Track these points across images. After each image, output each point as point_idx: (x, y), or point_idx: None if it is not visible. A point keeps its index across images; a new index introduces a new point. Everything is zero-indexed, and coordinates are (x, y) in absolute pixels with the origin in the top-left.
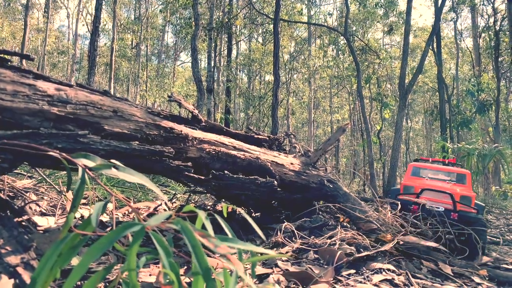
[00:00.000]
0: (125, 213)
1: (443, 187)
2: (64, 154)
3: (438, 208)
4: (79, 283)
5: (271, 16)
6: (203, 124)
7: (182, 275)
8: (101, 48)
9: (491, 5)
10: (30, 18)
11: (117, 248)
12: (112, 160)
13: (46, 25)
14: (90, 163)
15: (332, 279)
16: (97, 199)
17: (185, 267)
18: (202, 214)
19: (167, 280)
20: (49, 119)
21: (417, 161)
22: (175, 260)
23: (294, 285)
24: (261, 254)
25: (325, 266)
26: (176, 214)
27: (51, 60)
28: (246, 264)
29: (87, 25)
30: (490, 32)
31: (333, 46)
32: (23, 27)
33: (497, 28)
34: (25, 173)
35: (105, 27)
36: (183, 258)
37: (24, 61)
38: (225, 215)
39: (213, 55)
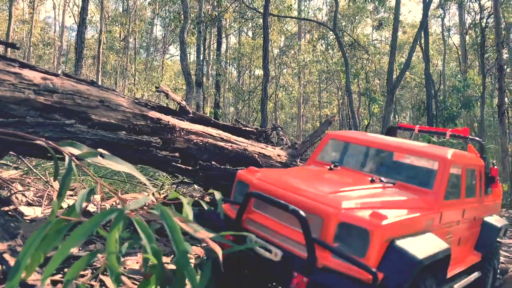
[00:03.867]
0: (112, 204)
1: (315, 194)
2: (50, 142)
3: (276, 254)
4: (66, 270)
5: (260, 11)
6: (191, 115)
7: (167, 263)
8: (89, 40)
9: (478, 2)
10: (15, 9)
11: (100, 233)
12: (100, 150)
13: (31, 16)
14: (77, 151)
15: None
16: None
17: (172, 255)
18: (184, 200)
19: (148, 266)
20: (36, 108)
21: (391, 130)
22: (162, 249)
23: None
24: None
25: None
26: (161, 200)
27: (37, 52)
28: None
29: (74, 16)
30: (476, 29)
31: (323, 41)
32: (7, 17)
33: (483, 25)
34: (11, 164)
35: (93, 19)
36: (169, 247)
37: (9, 52)
38: (219, 197)
39: (202, 48)
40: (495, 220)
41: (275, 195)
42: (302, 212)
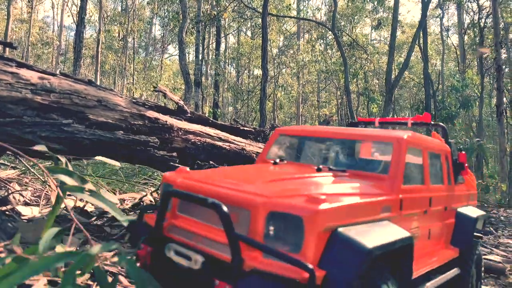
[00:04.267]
0: None
1: (243, 185)
2: (46, 153)
3: (196, 261)
4: (63, 269)
5: (259, 10)
6: (189, 115)
7: None
8: (87, 40)
9: (477, 2)
10: (13, 8)
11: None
12: (99, 157)
13: (30, 15)
14: (68, 179)
15: None
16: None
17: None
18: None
19: None
20: (33, 107)
21: (351, 125)
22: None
23: None
24: None
25: None
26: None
27: (35, 52)
28: None
29: (72, 16)
30: (475, 29)
31: (321, 41)
32: (5, 17)
33: (482, 25)
34: (9, 164)
35: (91, 18)
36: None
37: (7, 51)
38: None
39: (201, 48)
40: (470, 210)
41: (198, 192)
42: (223, 206)
